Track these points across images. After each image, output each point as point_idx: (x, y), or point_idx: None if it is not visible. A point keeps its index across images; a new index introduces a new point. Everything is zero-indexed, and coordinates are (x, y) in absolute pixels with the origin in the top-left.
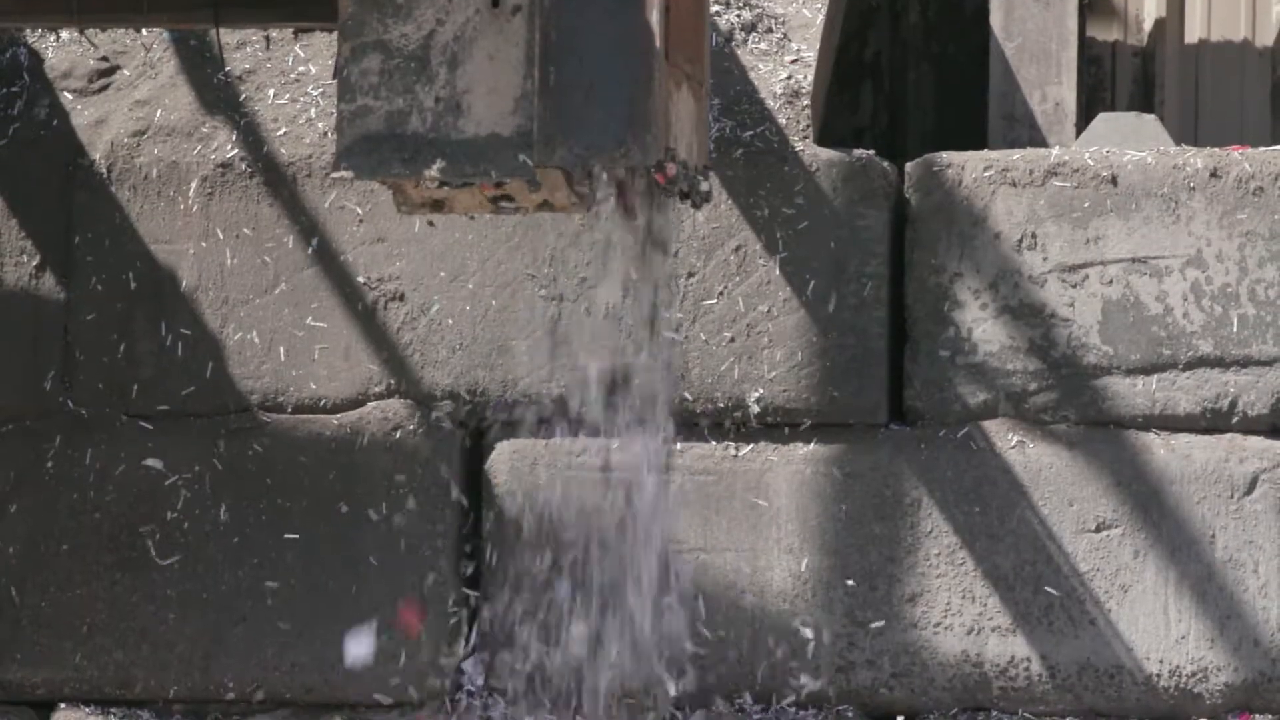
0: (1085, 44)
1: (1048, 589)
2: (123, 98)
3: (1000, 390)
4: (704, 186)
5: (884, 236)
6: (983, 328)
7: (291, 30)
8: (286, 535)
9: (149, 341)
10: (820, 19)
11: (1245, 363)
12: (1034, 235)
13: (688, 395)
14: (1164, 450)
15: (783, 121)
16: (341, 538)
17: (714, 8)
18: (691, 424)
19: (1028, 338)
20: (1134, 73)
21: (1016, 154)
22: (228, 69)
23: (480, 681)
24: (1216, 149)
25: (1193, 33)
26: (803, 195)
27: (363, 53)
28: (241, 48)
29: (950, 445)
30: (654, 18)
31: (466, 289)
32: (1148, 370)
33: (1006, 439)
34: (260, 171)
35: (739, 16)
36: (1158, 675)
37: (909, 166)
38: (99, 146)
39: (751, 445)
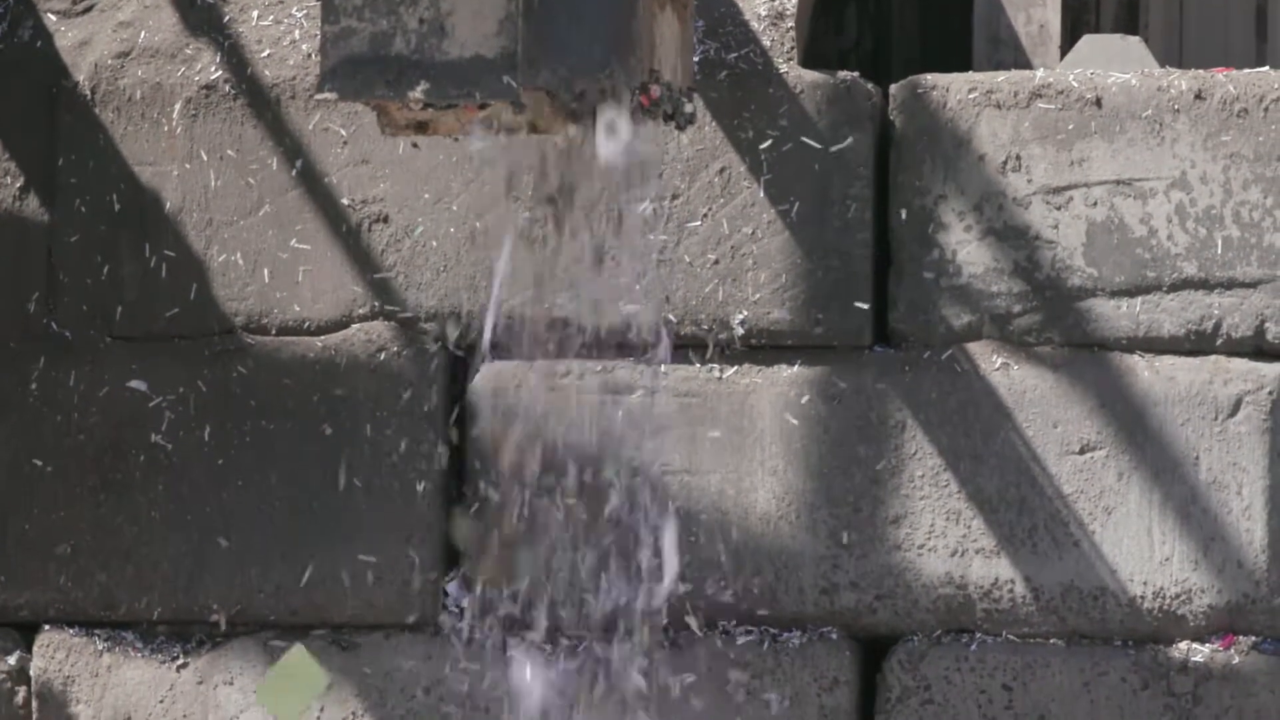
0: None
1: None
2: (106, 19)
3: (984, 312)
4: (688, 108)
5: (868, 159)
6: (967, 250)
7: None
8: (271, 457)
9: (133, 264)
10: None
11: (1229, 285)
12: (1018, 157)
13: (672, 317)
14: (1148, 372)
15: (767, 44)
16: (326, 459)
17: None
18: (676, 346)
19: (1012, 260)
20: None
21: (1001, 76)
22: None
23: (465, 603)
24: (1201, 71)
25: None
26: (787, 118)
27: None
28: None
29: (934, 368)
30: None
31: (451, 211)
32: (1132, 292)
33: (991, 361)
34: (244, 94)
35: None
36: (1141, 597)
37: (893, 89)
38: (83, 68)
39: (736, 367)
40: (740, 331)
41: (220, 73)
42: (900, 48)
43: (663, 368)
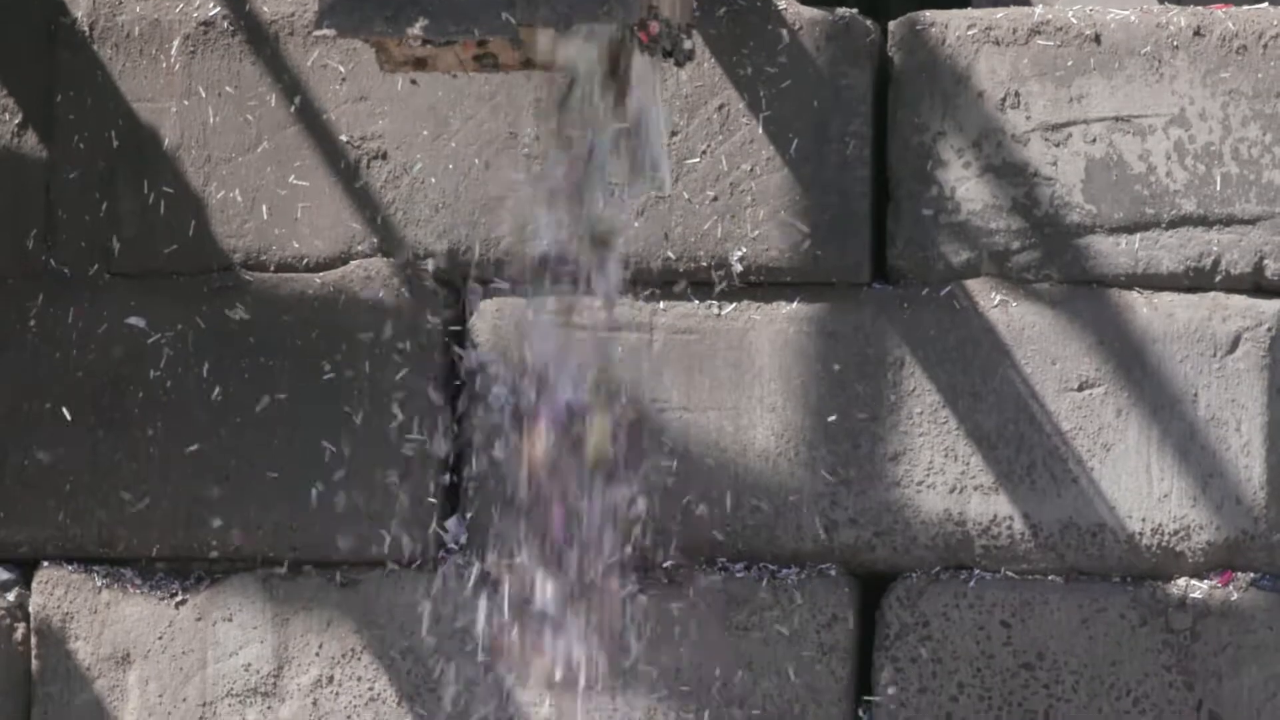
0: None
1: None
2: None
3: (983, 249)
4: (687, 45)
5: (867, 96)
6: (965, 187)
7: None
8: (269, 394)
9: (131, 200)
10: None
11: (1228, 221)
12: (1017, 94)
13: (670, 254)
14: (1147, 309)
15: None
16: (324, 396)
17: None
18: (674, 282)
19: (1010, 197)
20: None
21: (999, 13)
22: None
23: (463, 540)
24: (1200, 7)
25: None
26: (786, 54)
27: None
28: None
29: (933, 304)
30: None
31: (449, 147)
32: (1130, 229)
33: (989, 298)
34: (242, 30)
35: None
36: (1140, 534)
37: (892, 26)
38: (81, 5)
39: (734, 304)
40: (739, 268)
41: (218, 9)
42: None
43: (660, 304)
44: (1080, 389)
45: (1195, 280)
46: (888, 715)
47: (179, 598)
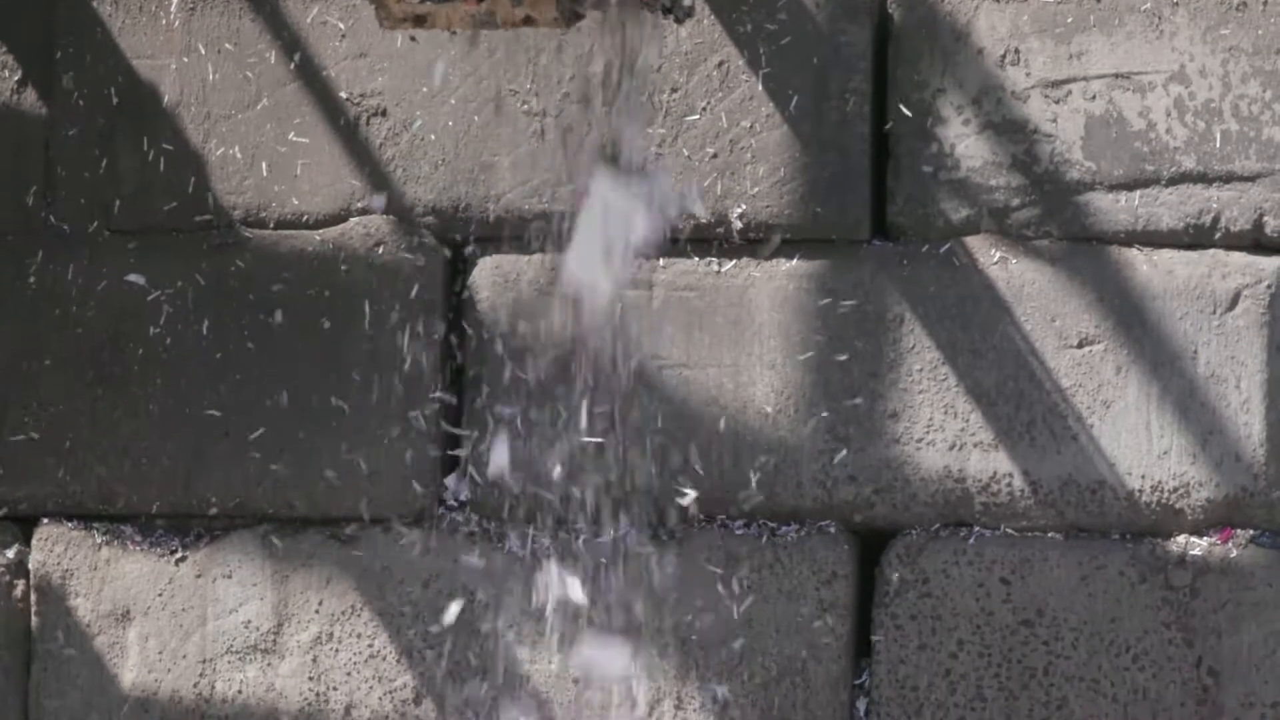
0: None
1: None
2: None
3: (983, 206)
4: (686, 1)
5: (866, 53)
6: (965, 144)
7: None
8: (269, 350)
9: (131, 157)
10: None
11: (1228, 178)
12: (1017, 51)
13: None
14: (1146, 266)
15: None
16: (323, 353)
17: None
18: (673, 239)
19: (1010, 154)
20: None
21: None
22: None
23: (463, 497)
24: None
25: None
26: (785, 11)
27: None
28: None
29: (933, 261)
30: None
31: (449, 105)
32: (1130, 186)
33: (989, 255)
34: None
35: None
36: (1140, 491)
37: None
38: None
39: (734, 261)
40: (739, 225)
41: None
42: None
43: (660, 261)
44: (1080, 346)
45: (1195, 237)
46: (887, 672)
47: (179, 554)
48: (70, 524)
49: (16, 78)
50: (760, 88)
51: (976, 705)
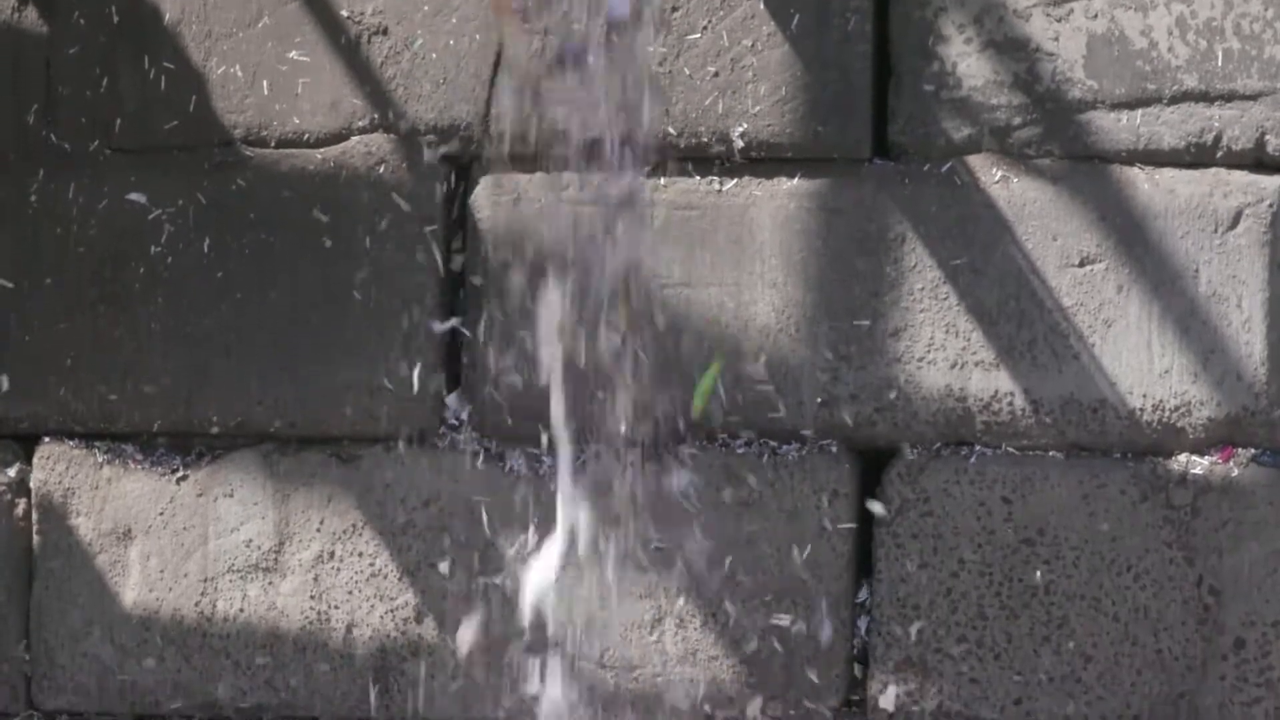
0: None
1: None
2: None
3: (984, 125)
4: None
5: None
6: (967, 62)
7: None
8: (270, 270)
9: (132, 76)
10: None
11: (1229, 97)
12: None
13: (671, 130)
14: (1148, 185)
15: None
16: (325, 272)
17: None
18: (675, 158)
19: (1012, 72)
20: None
21: None
22: None
23: (465, 416)
24: None
25: None
26: None
27: None
28: None
29: (934, 180)
30: None
31: (450, 23)
32: (1132, 105)
33: (990, 174)
34: None
35: None
36: (1141, 410)
37: None
38: None
39: (735, 180)
40: (740, 144)
41: None
42: None
43: (661, 180)
44: (1081, 265)
45: (1196, 156)
46: (888, 590)
47: (180, 473)
48: (71, 443)
49: None
50: (761, 6)
51: (977, 624)
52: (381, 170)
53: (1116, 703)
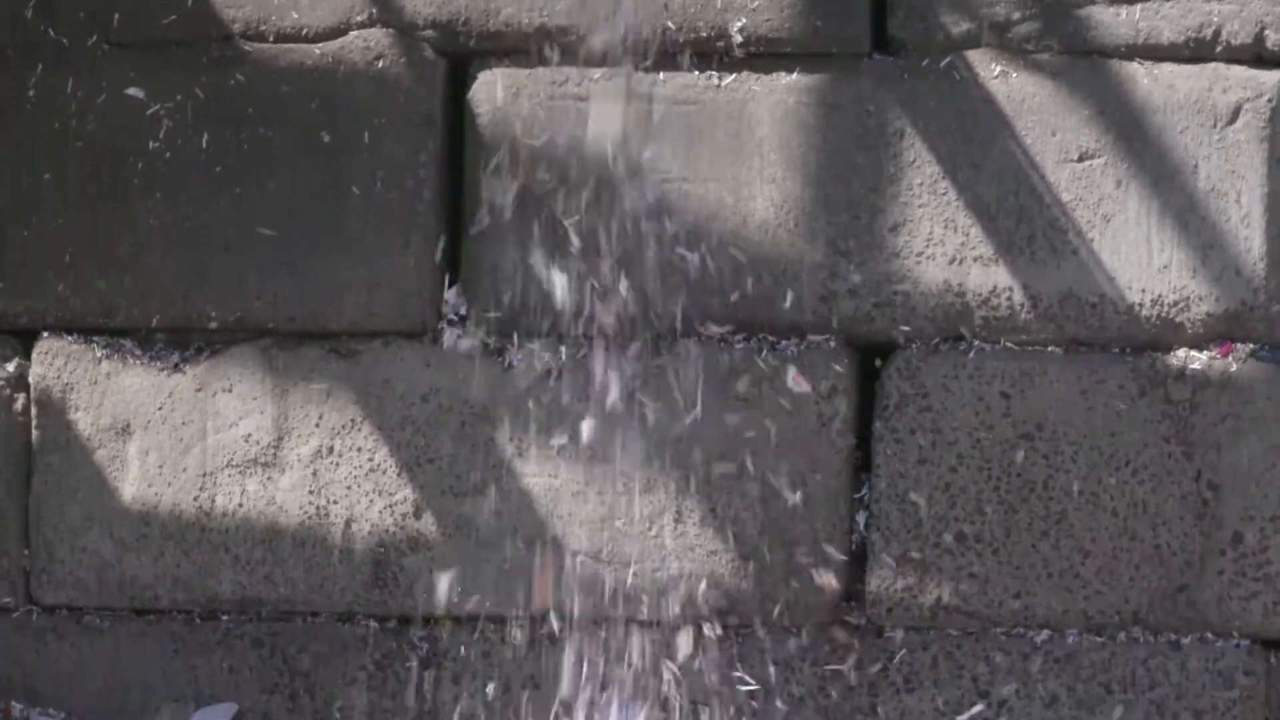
0: None
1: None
2: None
3: (983, 19)
4: None
5: None
6: None
7: None
8: (269, 165)
9: None
10: None
11: None
12: None
13: (670, 24)
14: (1147, 80)
15: None
16: (324, 167)
17: None
18: (673, 53)
19: None
20: None
21: None
22: None
23: (464, 311)
24: None
25: None
26: None
27: None
28: None
29: (933, 75)
30: None
31: None
32: None
33: (989, 69)
34: None
35: None
36: (1140, 305)
37: None
38: None
39: (734, 75)
40: (739, 39)
41: None
42: None
43: (660, 75)
44: (1080, 160)
45: (1196, 51)
46: (887, 486)
47: (179, 368)
48: (70, 338)
49: None
50: None
51: (976, 519)
52: (380, 65)
53: (1115, 597)
